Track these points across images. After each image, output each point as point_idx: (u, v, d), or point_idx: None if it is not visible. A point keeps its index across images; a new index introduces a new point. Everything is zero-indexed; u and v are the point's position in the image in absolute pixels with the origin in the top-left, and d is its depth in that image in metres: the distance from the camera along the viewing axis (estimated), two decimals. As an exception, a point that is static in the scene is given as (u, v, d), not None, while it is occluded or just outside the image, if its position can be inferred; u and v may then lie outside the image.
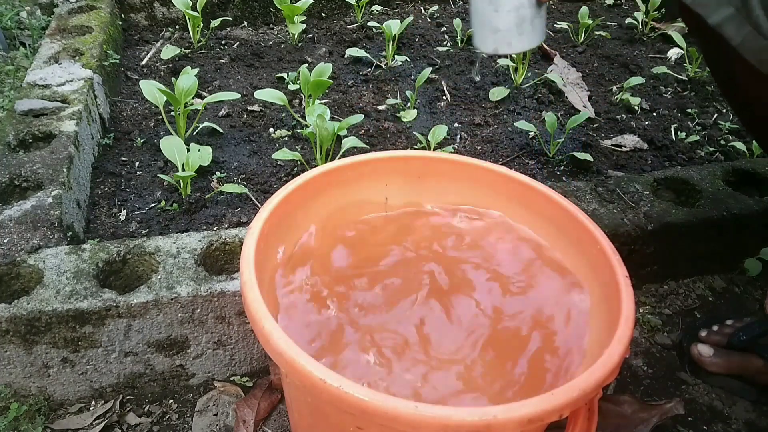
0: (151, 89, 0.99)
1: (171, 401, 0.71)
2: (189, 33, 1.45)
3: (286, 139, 1.09)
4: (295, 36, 1.44)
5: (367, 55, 1.37)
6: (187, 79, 1.00)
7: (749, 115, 0.63)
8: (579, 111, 1.22)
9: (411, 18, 1.45)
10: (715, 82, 0.73)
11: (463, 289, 0.61)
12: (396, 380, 0.52)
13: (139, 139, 1.05)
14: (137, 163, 1.00)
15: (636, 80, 1.24)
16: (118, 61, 1.23)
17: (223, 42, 1.45)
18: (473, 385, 0.53)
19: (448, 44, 1.49)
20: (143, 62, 1.33)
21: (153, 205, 0.91)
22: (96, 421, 0.67)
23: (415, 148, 1.07)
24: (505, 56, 1.31)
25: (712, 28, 0.50)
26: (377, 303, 0.59)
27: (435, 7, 1.70)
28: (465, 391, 0.53)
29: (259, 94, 1.02)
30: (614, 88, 1.32)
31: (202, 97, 1.17)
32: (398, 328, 0.57)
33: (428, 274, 0.62)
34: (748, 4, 0.47)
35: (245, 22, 1.56)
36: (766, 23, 0.47)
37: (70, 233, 0.75)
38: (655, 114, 1.24)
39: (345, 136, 1.00)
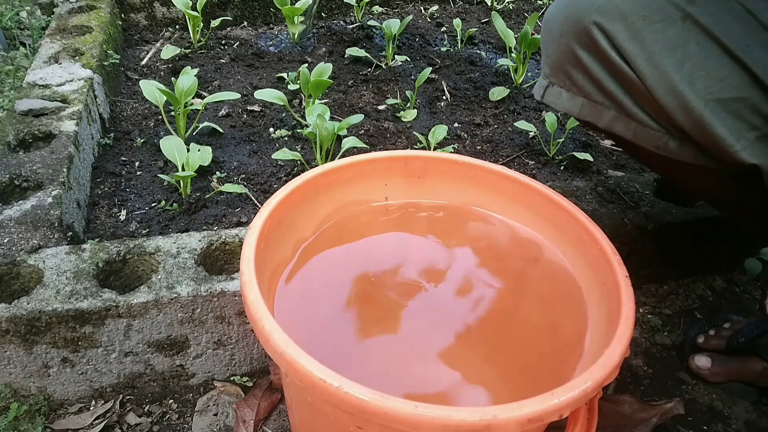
0: (151, 89, 0.99)
1: (171, 401, 0.71)
2: (189, 33, 1.45)
3: (286, 139, 1.09)
4: (295, 36, 1.44)
5: (367, 55, 1.37)
6: (187, 79, 1.00)
7: (687, 187, 0.70)
8: (579, 111, 1.22)
9: (410, 17, 1.45)
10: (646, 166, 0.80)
11: (461, 289, 0.61)
12: (393, 378, 0.53)
13: (139, 139, 1.05)
14: (137, 163, 1.00)
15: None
16: (118, 61, 1.23)
17: (223, 42, 1.45)
18: (472, 383, 0.53)
19: (448, 44, 1.49)
20: (143, 62, 1.33)
21: (153, 205, 0.91)
22: (96, 421, 0.67)
23: (415, 148, 1.07)
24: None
25: (606, 130, 0.57)
26: (375, 304, 0.59)
27: (435, 7, 1.70)
28: (465, 383, 0.53)
29: (259, 94, 1.02)
30: (614, 88, 1.32)
31: (202, 97, 1.17)
32: (396, 329, 0.57)
33: (427, 272, 0.62)
34: (624, 106, 0.54)
35: (245, 22, 1.56)
36: (646, 117, 0.54)
37: (70, 233, 0.75)
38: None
39: (345, 136, 1.00)
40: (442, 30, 1.58)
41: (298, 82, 1.17)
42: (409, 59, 1.40)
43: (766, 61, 0.50)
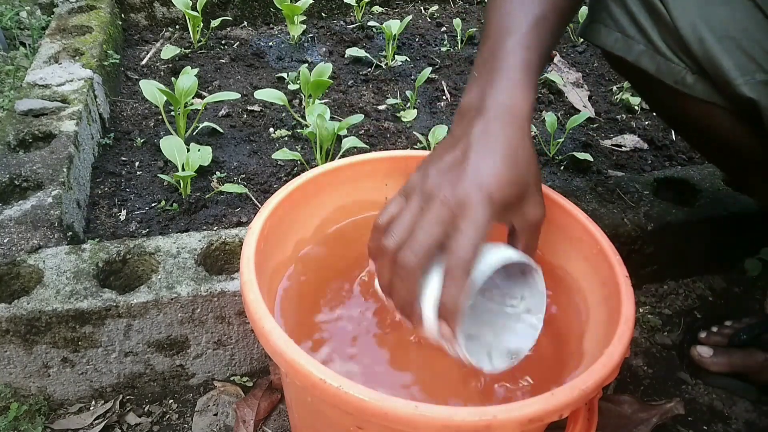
0: (151, 89, 0.99)
1: (171, 401, 0.71)
2: (189, 33, 1.45)
3: (286, 139, 1.09)
4: (295, 36, 1.44)
5: (367, 55, 1.37)
6: (187, 79, 1.00)
7: (697, 140, 0.72)
8: (579, 111, 1.22)
9: (410, 17, 1.45)
10: (663, 120, 0.85)
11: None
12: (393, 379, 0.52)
13: (139, 139, 1.05)
14: (137, 163, 1.00)
15: (636, 80, 1.24)
16: (118, 61, 1.23)
17: (223, 42, 1.45)
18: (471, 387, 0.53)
19: (448, 44, 1.49)
20: (143, 62, 1.33)
21: (153, 205, 0.91)
22: (96, 421, 0.67)
23: (415, 148, 1.07)
24: None
25: (633, 65, 0.61)
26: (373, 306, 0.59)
27: (435, 7, 1.70)
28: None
29: (259, 94, 1.02)
30: (614, 88, 1.32)
31: (202, 97, 1.17)
32: (395, 331, 0.57)
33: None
34: (653, 39, 0.59)
35: (245, 22, 1.56)
36: (669, 52, 0.58)
37: (70, 233, 0.75)
38: (655, 114, 1.24)
39: (345, 136, 1.00)
40: (442, 30, 1.58)
41: (298, 82, 1.17)
42: (409, 59, 1.40)
43: None
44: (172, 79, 1.16)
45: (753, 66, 0.53)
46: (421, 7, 1.71)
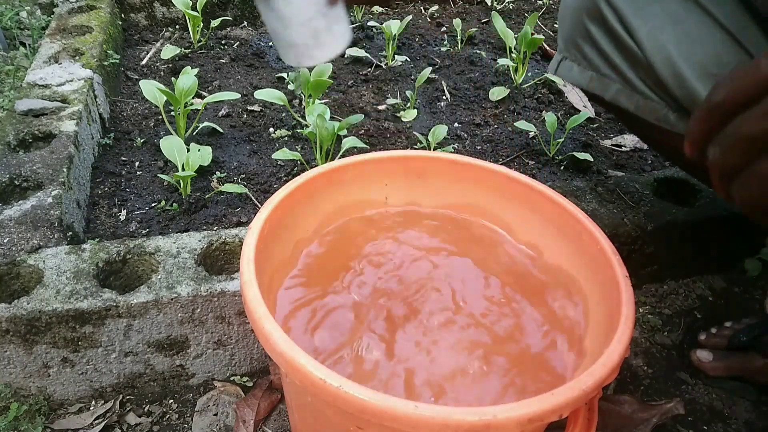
0: (151, 89, 0.99)
1: (171, 401, 0.71)
2: (189, 33, 1.45)
3: (286, 139, 1.09)
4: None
5: (367, 55, 1.37)
6: (187, 79, 1.00)
7: (681, 163, 0.72)
8: (579, 111, 1.22)
9: (410, 17, 1.45)
10: (648, 145, 0.85)
11: (461, 291, 0.61)
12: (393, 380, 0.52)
13: (139, 139, 1.06)
14: (137, 163, 1.00)
15: (636, 80, 1.24)
16: (118, 61, 1.23)
17: (223, 42, 1.45)
18: (471, 385, 0.53)
19: (448, 44, 1.49)
20: (143, 62, 1.33)
21: (153, 205, 0.91)
22: (96, 421, 0.67)
23: (415, 148, 1.07)
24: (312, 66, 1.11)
25: (611, 103, 0.61)
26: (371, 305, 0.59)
27: (435, 7, 1.71)
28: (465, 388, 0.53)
29: (259, 94, 1.02)
30: (614, 88, 1.32)
31: (202, 97, 1.17)
32: (395, 332, 0.57)
33: (425, 277, 0.62)
34: (628, 79, 0.57)
35: (245, 22, 1.56)
36: (647, 90, 0.57)
37: (70, 233, 0.75)
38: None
39: (345, 136, 1.00)
40: (442, 30, 1.58)
41: (299, 82, 1.17)
42: (409, 59, 1.40)
43: (761, 43, 0.52)
44: (172, 79, 1.16)
45: None
46: (421, 7, 1.71)
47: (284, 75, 1.29)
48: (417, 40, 1.52)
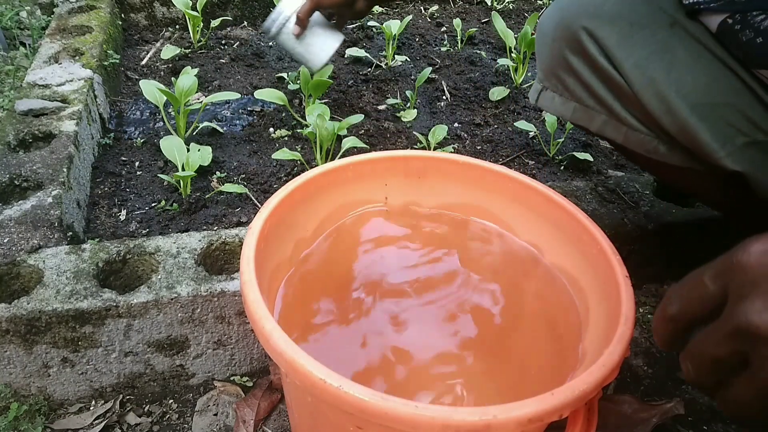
0: (151, 89, 0.99)
1: (171, 401, 0.71)
2: (189, 33, 1.45)
3: (286, 138, 1.09)
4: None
5: (367, 55, 1.37)
6: (187, 79, 1.00)
7: (680, 187, 0.71)
8: (579, 111, 1.22)
9: (410, 17, 1.45)
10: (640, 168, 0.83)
11: (462, 292, 0.61)
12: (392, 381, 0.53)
13: (139, 139, 1.05)
14: (137, 163, 1.00)
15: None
16: (118, 61, 1.22)
17: (223, 42, 1.45)
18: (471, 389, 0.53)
19: (448, 44, 1.49)
20: (143, 62, 1.33)
21: (153, 205, 0.91)
22: (96, 421, 0.67)
23: (415, 148, 1.07)
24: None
25: (598, 134, 0.58)
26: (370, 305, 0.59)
27: (435, 7, 1.70)
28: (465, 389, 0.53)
29: (259, 94, 1.02)
30: (614, 88, 1.32)
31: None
32: (395, 334, 0.57)
33: (426, 277, 0.62)
34: (614, 111, 0.55)
35: (245, 22, 1.56)
36: (635, 122, 0.54)
37: (70, 233, 0.75)
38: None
39: (345, 136, 1.00)
40: (442, 30, 1.58)
41: (298, 82, 1.17)
42: (409, 59, 1.40)
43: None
44: (172, 79, 1.16)
45: (731, 131, 0.50)
46: (421, 7, 1.71)
47: (284, 75, 1.29)
48: (417, 40, 1.52)
